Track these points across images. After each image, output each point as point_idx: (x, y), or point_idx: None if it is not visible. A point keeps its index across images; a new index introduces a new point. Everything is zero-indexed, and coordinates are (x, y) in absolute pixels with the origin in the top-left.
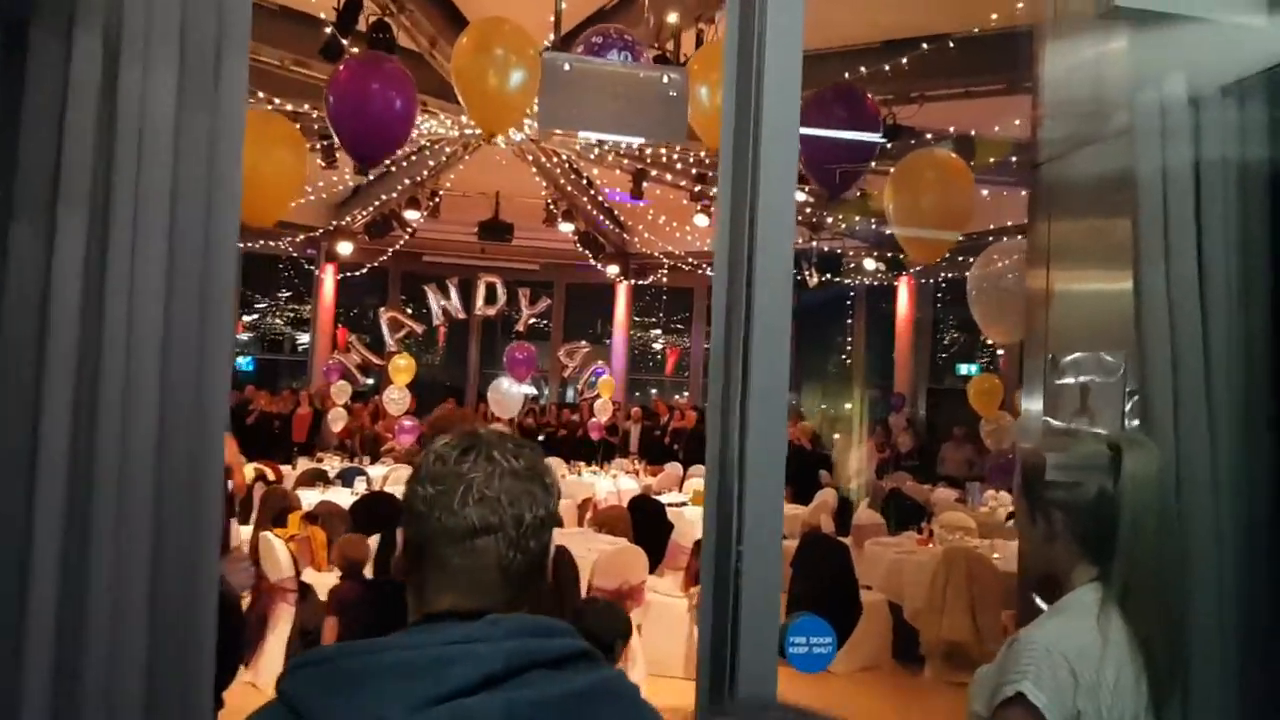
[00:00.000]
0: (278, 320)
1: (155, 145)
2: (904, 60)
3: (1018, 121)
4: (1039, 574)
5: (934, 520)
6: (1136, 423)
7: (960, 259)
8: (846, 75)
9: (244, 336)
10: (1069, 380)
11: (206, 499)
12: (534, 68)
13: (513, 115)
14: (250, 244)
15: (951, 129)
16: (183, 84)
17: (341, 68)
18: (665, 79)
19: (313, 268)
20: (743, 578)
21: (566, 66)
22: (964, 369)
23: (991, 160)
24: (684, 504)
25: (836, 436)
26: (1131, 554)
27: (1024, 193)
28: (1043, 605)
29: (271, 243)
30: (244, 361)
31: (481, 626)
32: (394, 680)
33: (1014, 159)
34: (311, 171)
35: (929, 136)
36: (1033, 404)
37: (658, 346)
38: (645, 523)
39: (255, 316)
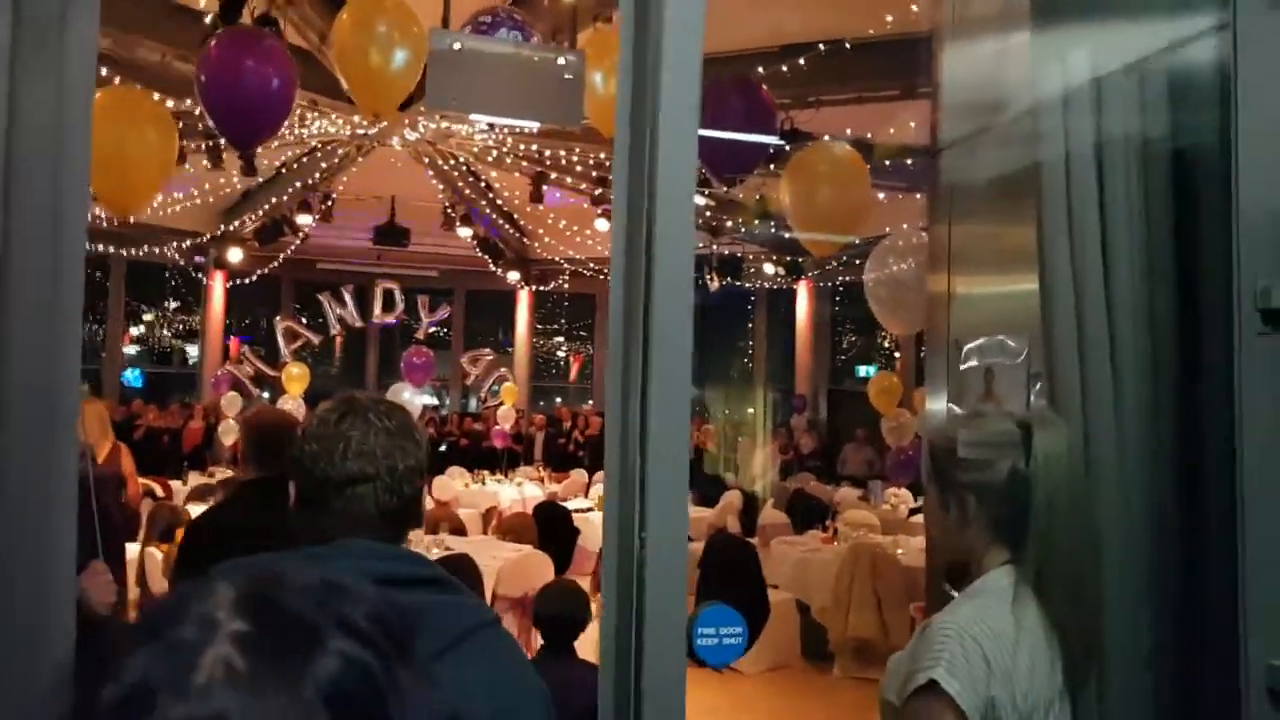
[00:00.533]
0: (166, 332)
1: None
2: (801, 62)
3: (913, 124)
4: (950, 561)
5: (838, 518)
6: (1043, 404)
7: (858, 262)
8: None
9: (131, 350)
10: (973, 364)
11: (57, 502)
12: (418, 46)
13: (396, 95)
14: (133, 251)
15: (848, 131)
16: (18, 32)
17: (213, 43)
18: (561, 60)
19: (200, 276)
20: (646, 568)
21: (456, 45)
22: (863, 370)
23: (887, 163)
24: (590, 509)
25: (741, 439)
26: (1044, 535)
27: (919, 197)
28: (954, 594)
29: (156, 249)
30: (132, 376)
31: (331, 548)
32: None
33: (910, 161)
34: (197, 174)
35: (826, 139)
36: (936, 393)
37: (561, 354)
38: (551, 529)
39: (141, 329)
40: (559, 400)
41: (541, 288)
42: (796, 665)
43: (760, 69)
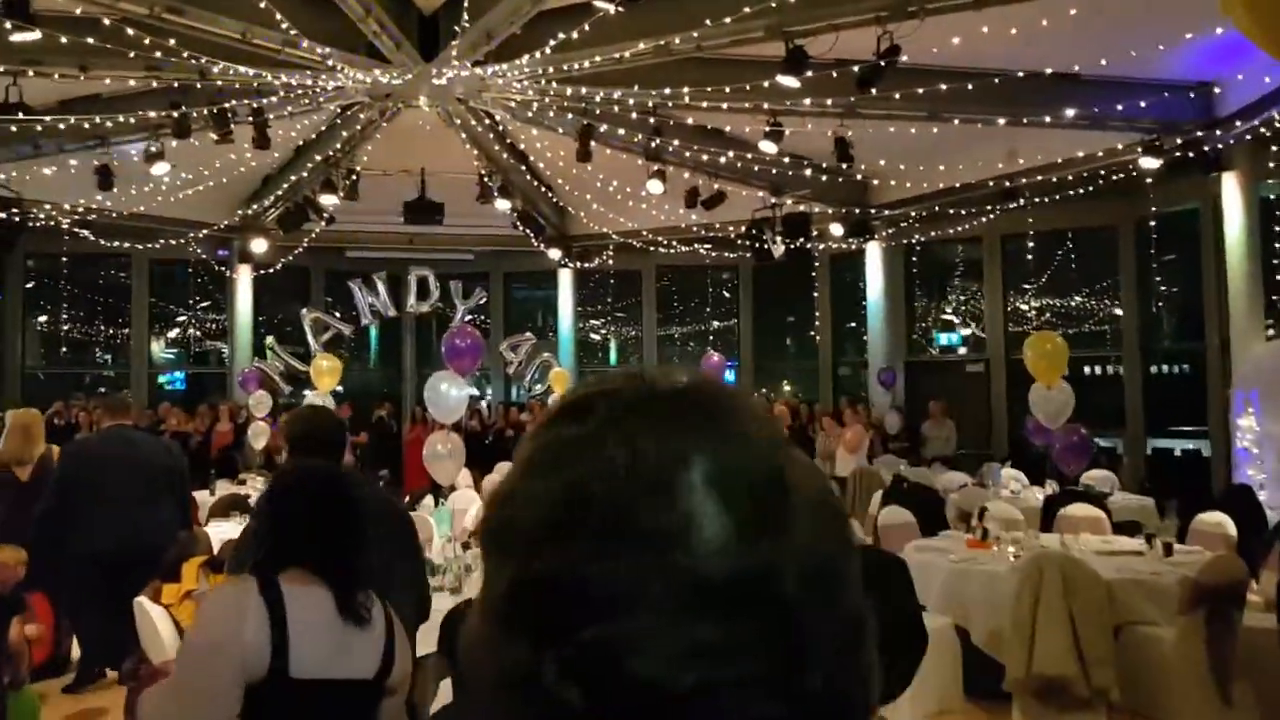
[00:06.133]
0: (197, 332)
1: None
2: None
3: None
4: None
5: (985, 516)
6: None
7: (938, 214)
8: None
9: (170, 354)
10: None
11: None
12: None
13: None
14: (151, 244)
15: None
16: None
17: None
18: None
19: (225, 270)
20: None
21: None
22: (944, 339)
23: None
24: None
25: (823, 420)
26: None
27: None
28: None
29: (174, 240)
30: (174, 379)
31: None
32: None
33: None
34: (206, 149)
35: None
36: None
37: (597, 337)
38: None
39: (177, 331)
40: None
41: (585, 264)
42: (959, 709)
43: None
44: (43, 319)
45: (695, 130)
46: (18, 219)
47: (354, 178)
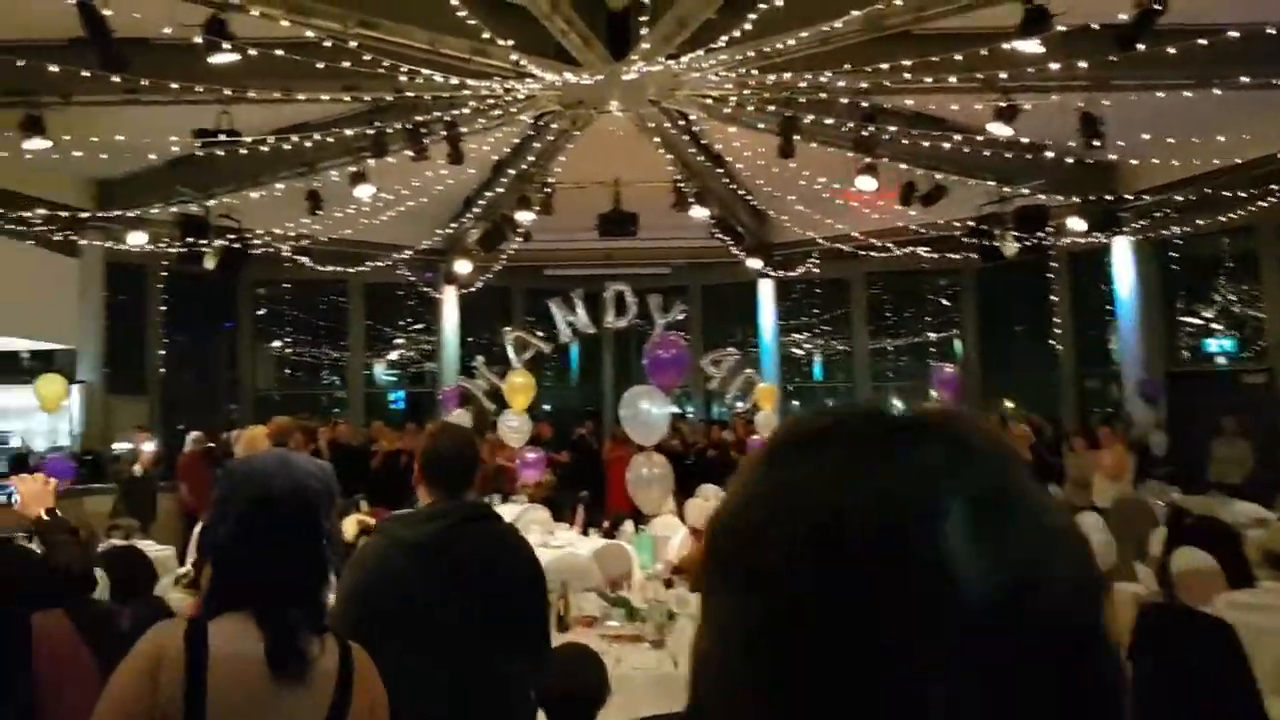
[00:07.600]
0: (412, 353)
1: None
2: None
3: None
4: None
5: None
6: None
7: (1202, 200)
8: None
9: (392, 375)
10: None
11: None
12: None
13: None
14: (362, 268)
15: None
16: None
17: None
18: None
19: (430, 290)
20: None
21: None
22: (1214, 345)
23: None
24: None
25: (1073, 440)
26: None
27: None
28: None
29: (383, 263)
30: (397, 398)
31: None
32: None
33: None
34: (410, 177)
35: None
36: None
37: (799, 351)
38: None
39: (397, 353)
40: (795, 404)
41: (787, 273)
42: None
43: None
44: (276, 344)
45: (911, 117)
46: (239, 247)
47: (548, 190)
